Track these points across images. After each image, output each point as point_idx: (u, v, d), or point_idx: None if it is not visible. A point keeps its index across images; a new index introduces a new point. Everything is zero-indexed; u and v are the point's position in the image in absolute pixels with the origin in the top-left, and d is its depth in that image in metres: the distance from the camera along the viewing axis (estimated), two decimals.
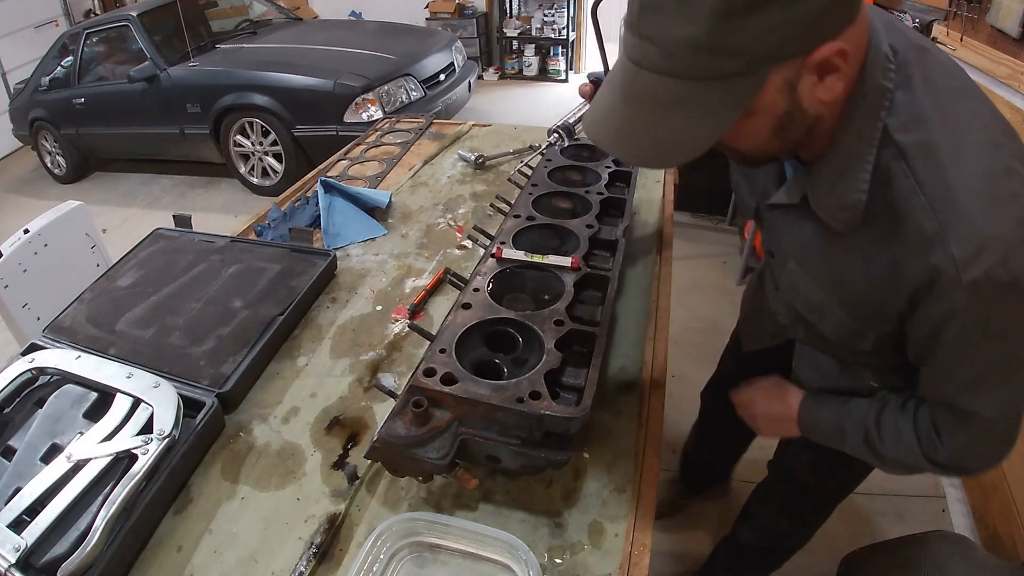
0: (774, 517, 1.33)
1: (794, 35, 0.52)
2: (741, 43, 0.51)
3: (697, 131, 0.57)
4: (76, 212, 1.95)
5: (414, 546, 0.81)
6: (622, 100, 0.60)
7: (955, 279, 0.58)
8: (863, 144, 0.61)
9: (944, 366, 0.68)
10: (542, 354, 0.85)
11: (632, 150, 0.61)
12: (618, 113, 0.60)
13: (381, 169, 1.84)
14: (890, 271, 0.64)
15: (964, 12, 2.25)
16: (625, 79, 0.59)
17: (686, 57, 0.53)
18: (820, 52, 0.54)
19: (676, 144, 0.58)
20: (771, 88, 0.55)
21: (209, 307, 1.17)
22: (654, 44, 0.55)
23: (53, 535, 0.76)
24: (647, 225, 1.47)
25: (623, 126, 0.60)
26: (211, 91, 4.00)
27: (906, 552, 1.18)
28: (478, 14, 6.12)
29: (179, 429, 0.89)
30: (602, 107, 0.63)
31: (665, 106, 0.57)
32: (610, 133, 0.62)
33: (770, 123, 0.59)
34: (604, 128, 0.62)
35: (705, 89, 0.54)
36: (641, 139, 0.60)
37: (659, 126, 0.58)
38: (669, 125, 0.57)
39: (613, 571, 0.77)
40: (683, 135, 0.58)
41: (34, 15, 6.08)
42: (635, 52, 0.57)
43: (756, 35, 0.51)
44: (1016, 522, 1.59)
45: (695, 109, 0.56)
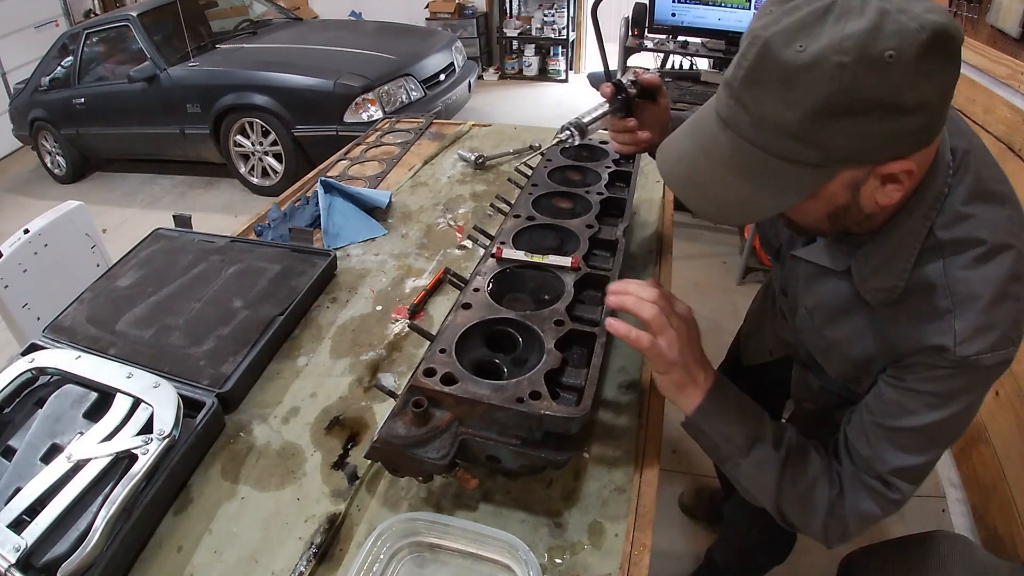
0: (745, 531, 1.34)
1: (874, 147, 0.56)
2: (825, 140, 0.55)
3: (761, 201, 0.61)
4: (76, 212, 1.95)
5: (414, 546, 0.81)
6: (700, 151, 0.64)
7: (951, 351, 0.64)
8: (912, 238, 0.66)
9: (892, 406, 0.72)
10: (542, 354, 0.85)
11: (697, 199, 0.65)
12: (693, 162, 0.65)
13: (381, 169, 1.84)
14: (895, 336, 0.70)
15: (964, 12, 2.25)
16: (709, 131, 0.63)
17: (773, 135, 0.57)
18: (890, 166, 0.58)
19: (738, 206, 0.63)
20: (838, 183, 0.60)
21: (209, 307, 1.18)
22: (747, 113, 0.58)
23: (53, 535, 0.76)
24: (647, 225, 1.47)
25: (694, 175, 0.65)
26: (211, 91, 4.00)
27: (906, 552, 1.18)
28: (478, 14, 6.12)
29: (179, 429, 0.88)
30: (679, 149, 0.67)
31: (739, 170, 0.61)
32: (681, 177, 0.66)
33: (827, 209, 0.64)
34: (676, 171, 0.67)
35: (779, 167, 0.58)
36: (708, 192, 0.64)
37: (728, 186, 0.62)
38: (737, 188, 0.62)
39: (613, 571, 0.78)
40: (747, 201, 0.62)
41: (34, 15, 6.08)
42: (726, 112, 0.61)
43: (841, 138, 0.55)
44: (1016, 522, 1.59)
45: (765, 182, 0.60)
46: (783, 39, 0.54)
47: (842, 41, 0.52)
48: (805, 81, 0.53)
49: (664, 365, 0.77)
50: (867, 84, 0.52)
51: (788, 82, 0.54)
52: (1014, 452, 1.66)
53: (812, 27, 0.53)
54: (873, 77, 0.51)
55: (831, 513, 0.76)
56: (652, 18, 3.23)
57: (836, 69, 0.52)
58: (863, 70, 0.51)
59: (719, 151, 0.62)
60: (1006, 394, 1.73)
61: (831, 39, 0.52)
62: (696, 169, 0.64)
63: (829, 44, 0.52)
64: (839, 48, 0.52)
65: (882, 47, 0.51)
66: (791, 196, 0.60)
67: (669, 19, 3.20)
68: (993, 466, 1.75)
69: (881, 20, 0.51)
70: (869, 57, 0.51)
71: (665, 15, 3.20)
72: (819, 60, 0.52)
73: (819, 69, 0.52)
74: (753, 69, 0.56)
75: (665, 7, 3.17)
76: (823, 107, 0.53)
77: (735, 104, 0.59)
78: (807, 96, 0.53)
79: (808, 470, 0.77)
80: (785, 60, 0.54)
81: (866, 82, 0.52)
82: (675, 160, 0.67)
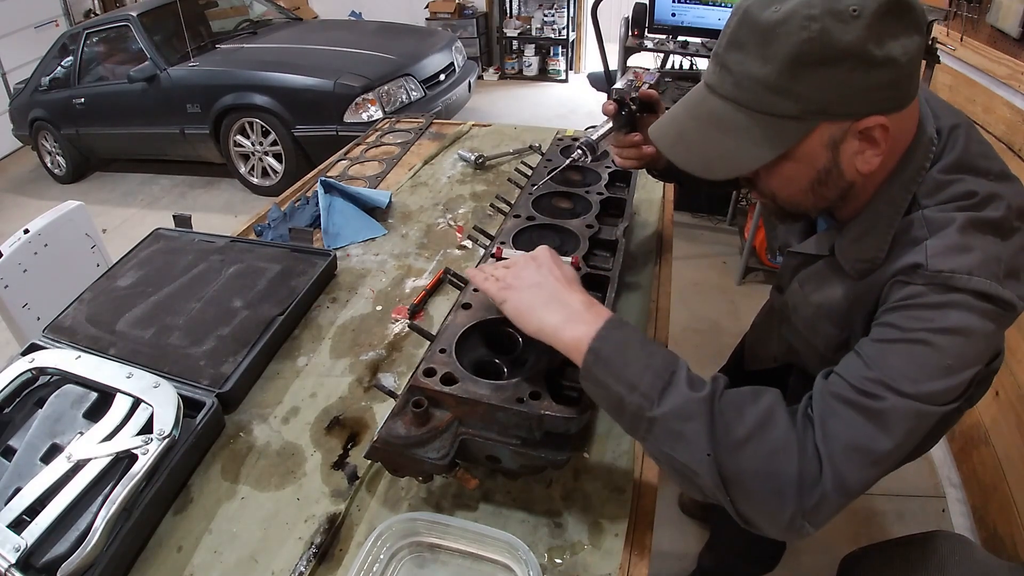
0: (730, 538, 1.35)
1: (849, 98, 0.60)
2: (801, 91, 0.60)
3: (744, 154, 0.65)
4: (76, 212, 1.95)
5: (414, 546, 0.81)
6: (688, 115, 0.70)
7: (923, 265, 0.63)
8: (892, 209, 0.69)
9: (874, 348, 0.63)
10: (542, 354, 0.85)
11: (685, 155, 0.70)
12: (681, 124, 0.71)
13: (381, 169, 1.84)
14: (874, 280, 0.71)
15: (964, 12, 2.25)
16: (697, 99, 0.70)
17: (753, 90, 0.62)
18: (866, 121, 0.62)
19: (723, 161, 0.67)
20: (816, 139, 0.64)
21: (209, 307, 1.18)
22: (731, 74, 0.64)
23: (53, 535, 0.76)
24: (647, 225, 1.47)
25: (683, 135, 0.70)
26: (211, 91, 4.00)
27: (906, 552, 1.18)
28: (478, 14, 6.13)
29: (179, 429, 0.88)
30: (670, 116, 0.73)
31: (723, 127, 0.66)
32: (670, 137, 0.72)
33: (809, 174, 0.67)
34: (667, 132, 0.72)
35: (761, 121, 0.63)
36: (695, 149, 0.69)
37: (713, 142, 0.67)
38: (722, 143, 0.66)
39: (613, 571, 0.78)
40: (731, 154, 0.66)
41: (34, 15, 6.08)
42: (712, 79, 0.67)
43: (816, 88, 0.60)
44: (1016, 522, 1.59)
45: (747, 136, 0.64)
46: (761, 4, 0.61)
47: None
48: (779, 35, 0.59)
49: (514, 293, 0.71)
50: (834, 33, 0.57)
51: (765, 38, 0.60)
52: (1014, 452, 1.66)
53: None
54: (840, 27, 0.57)
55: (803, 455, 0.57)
56: (652, 18, 3.23)
57: (806, 20, 0.58)
58: (830, 20, 0.57)
59: (705, 112, 0.68)
60: (1006, 394, 1.74)
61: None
62: (684, 129, 0.70)
63: (800, 1, 0.59)
64: (808, 2, 0.58)
65: (847, 2, 0.57)
66: (772, 149, 0.64)
67: (669, 19, 3.20)
68: (993, 466, 1.75)
69: None
70: (835, 10, 0.57)
71: (665, 15, 3.19)
72: (791, 14, 0.59)
73: (791, 22, 0.59)
74: (734, 33, 0.63)
75: (665, 7, 3.17)
76: (796, 57, 0.59)
77: (720, 70, 0.65)
78: (781, 48, 0.59)
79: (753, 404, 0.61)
80: (762, 20, 0.60)
81: (833, 31, 0.57)
82: (666, 124, 0.73)
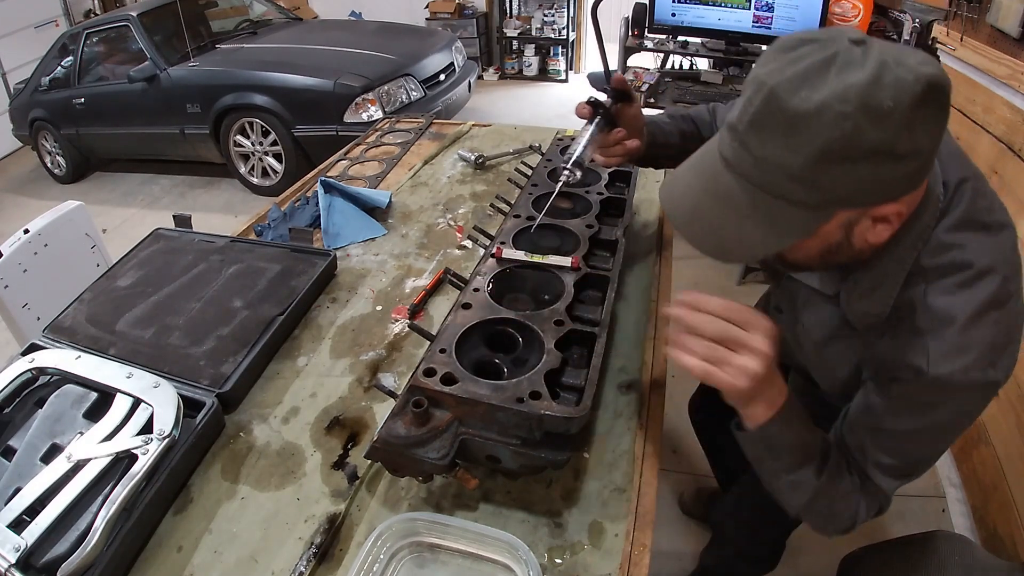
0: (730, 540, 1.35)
1: (869, 191, 0.60)
2: (824, 183, 0.58)
3: (760, 240, 0.64)
4: (76, 212, 1.95)
5: (414, 546, 0.81)
6: (702, 189, 0.67)
7: (925, 372, 0.67)
8: (899, 267, 0.70)
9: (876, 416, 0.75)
10: (542, 354, 0.85)
11: (698, 236, 0.67)
12: (696, 199, 0.67)
13: (381, 169, 1.84)
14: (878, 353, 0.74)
15: (964, 12, 2.25)
16: (712, 171, 0.65)
17: (773, 176, 0.60)
18: (882, 209, 0.62)
19: (738, 244, 0.66)
20: (834, 223, 0.63)
21: (209, 307, 1.17)
22: (750, 155, 0.61)
23: (53, 535, 0.76)
24: (647, 225, 1.47)
25: (697, 212, 0.67)
26: (211, 91, 4.00)
27: (906, 552, 1.18)
28: (478, 14, 6.12)
29: (179, 429, 0.89)
30: (683, 186, 0.69)
31: (740, 209, 0.63)
32: (684, 214, 0.68)
33: (820, 247, 0.67)
34: (680, 207, 0.69)
35: (780, 207, 0.61)
36: (709, 229, 0.67)
37: (729, 225, 0.65)
38: (738, 226, 0.64)
39: (613, 571, 0.78)
40: (747, 239, 0.64)
41: (34, 15, 6.07)
42: (729, 152, 0.63)
43: (839, 181, 0.58)
44: (1016, 522, 1.59)
45: (765, 221, 0.63)
46: (789, 87, 0.57)
47: (845, 91, 0.55)
48: (809, 127, 0.56)
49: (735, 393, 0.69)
50: (867, 131, 0.55)
51: (792, 128, 0.57)
52: (1014, 452, 1.66)
53: (816, 77, 0.56)
54: (873, 125, 0.55)
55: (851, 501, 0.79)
56: (652, 18, 3.23)
57: (839, 117, 0.55)
58: (864, 118, 0.54)
59: (722, 190, 0.64)
60: (1006, 394, 1.73)
61: (834, 89, 0.55)
62: (699, 206, 0.67)
63: (832, 94, 0.55)
64: (843, 97, 0.55)
65: (882, 97, 0.54)
66: (789, 236, 0.64)
67: (669, 19, 3.20)
68: (993, 466, 1.75)
69: (881, 72, 0.55)
70: (870, 106, 0.54)
71: (665, 15, 3.19)
72: (823, 108, 0.55)
73: (823, 117, 0.55)
74: (759, 115, 0.59)
75: (665, 7, 3.17)
76: (825, 152, 0.56)
77: (739, 146, 0.62)
78: (810, 141, 0.56)
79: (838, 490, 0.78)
80: (791, 107, 0.56)
81: (866, 129, 0.55)
82: (679, 196, 0.69)
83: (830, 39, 0.58)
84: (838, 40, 0.58)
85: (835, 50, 0.57)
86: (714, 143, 0.67)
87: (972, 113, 2.17)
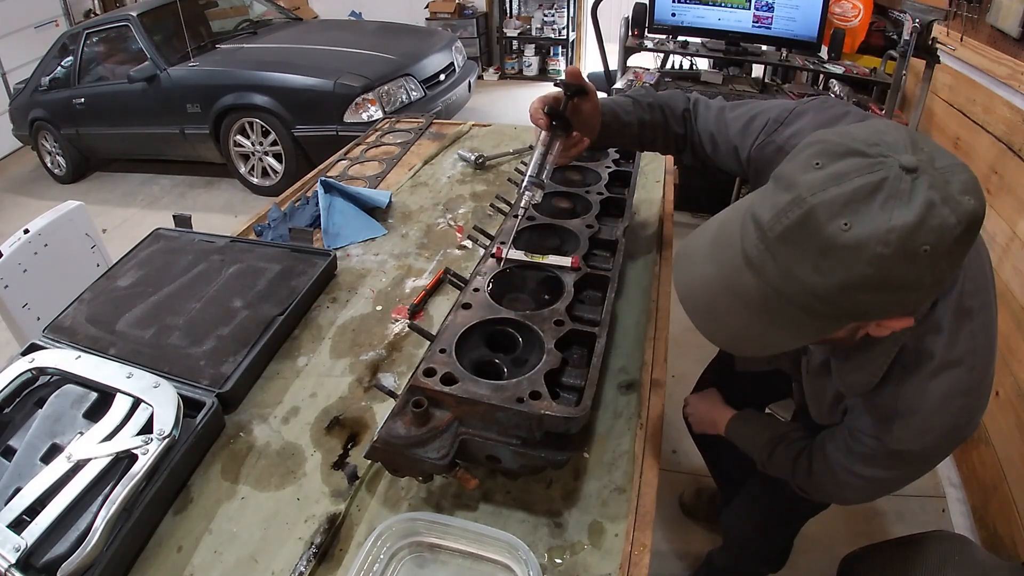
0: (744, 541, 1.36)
1: (884, 311, 0.61)
2: (845, 304, 0.58)
3: (774, 340, 0.65)
4: (76, 212, 1.95)
5: (414, 546, 0.81)
6: (722, 284, 0.64)
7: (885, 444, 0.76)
8: (891, 346, 0.72)
9: None
10: (542, 354, 0.85)
11: (713, 329, 0.67)
12: (714, 293, 0.65)
13: (381, 169, 1.84)
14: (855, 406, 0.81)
15: (964, 12, 2.25)
16: (733, 265, 0.63)
17: (797, 291, 0.59)
18: (891, 322, 0.64)
19: (751, 341, 0.66)
20: (844, 329, 0.65)
21: (209, 307, 1.17)
22: (776, 264, 0.59)
23: (53, 535, 0.76)
24: (647, 225, 1.47)
25: (714, 306, 0.66)
26: (211, 91, 4.00)
27: (906, 552, 1.18)
28: (478, 14, 6.12)
29: (179, 429, 0.88)
30: (701, 276, 0.67)
31: (757, 311, 0.63)
32: (700, 306, 0.67)
33: (824, 339, 0.69)
34: (696, 298, 0.67)
35: (796, 314, 0.61)
36: (724, 324, 0.66)
37: (743, 322, 0.64)
38: (752, 325, 0.64)
39: (613, 571, 0.77)
40: (760, 337, 0.65)
41: (34, 15, 6.07)
42: (754, 254, 0.61)
43: (859, 303, 0.58)
44: (1016, 522, 1.59)
45: (781, 324, 0.63)
46: (829, 212, 0.55)
47: (887, 233, 0.53)
48: (842, 259, 0.55)
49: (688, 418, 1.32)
50: (898, 270, 0.54)
51: (825, 253, 0.55)
52: (1014, 452, 1.66)
53: (859, 206, 0.54)
54: (906, 265, 0.54)
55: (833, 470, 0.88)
56: (652, 18, 3.23)
57: (876, 258, 0.54)
58: (899, 260, 0.54)
59: (741, 289, 0.63)
60: (1006, 394, 1.74)
61: (876, 228, 0.53)
62: (716, 300, 0.65)
63: (873, 233, 0.53)
64: (883, 239, 0.53)
65: (921, 241, 0.53)
66: (802, 339, 0.65)
67: (669, 19, 3.20)
68: (993, 466, 1.75)
69: (926, 214, 0.53)
70: (907, 250, 0.53)
71: (665, 15, 3.19)
72: (861, 245, 0.54)
73: (860, 253, 0.54)
74: (792, 230, 0.57)
75: (665, 7, 3.17)
76: (852, 284, 0.56)
77: (765, 251, 0.59)
78: (840, 271, 0.55)
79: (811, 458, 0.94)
80: (828, 234, 0.55)
81: (898, 269, 0.54)
82: (696, 287, 0.67)
83: (881, 159, 0.55)
84: (889, 162, 0.54)
85: (884, 176, 0.54)
86: (735, 230, 0.64)
87: (972, 113, 2.17)
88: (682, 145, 1.07)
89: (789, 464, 0.97)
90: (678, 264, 0.71)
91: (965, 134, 2.21)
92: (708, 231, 0.69)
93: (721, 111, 0.99)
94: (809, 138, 0.61)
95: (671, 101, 1.05)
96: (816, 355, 0.87)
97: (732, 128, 0.95)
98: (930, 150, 0.56)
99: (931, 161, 0.55)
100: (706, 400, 1.29)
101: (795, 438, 0.99)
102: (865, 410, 0.78)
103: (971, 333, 0.71)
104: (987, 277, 0.74)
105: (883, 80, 2.75)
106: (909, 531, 1.27)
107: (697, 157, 1.06)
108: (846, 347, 0.76)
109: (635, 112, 1.04)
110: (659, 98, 1.06)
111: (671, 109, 1.05)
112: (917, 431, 0.74)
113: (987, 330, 0.73)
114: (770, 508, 1.24)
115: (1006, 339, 1.75)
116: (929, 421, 0.73)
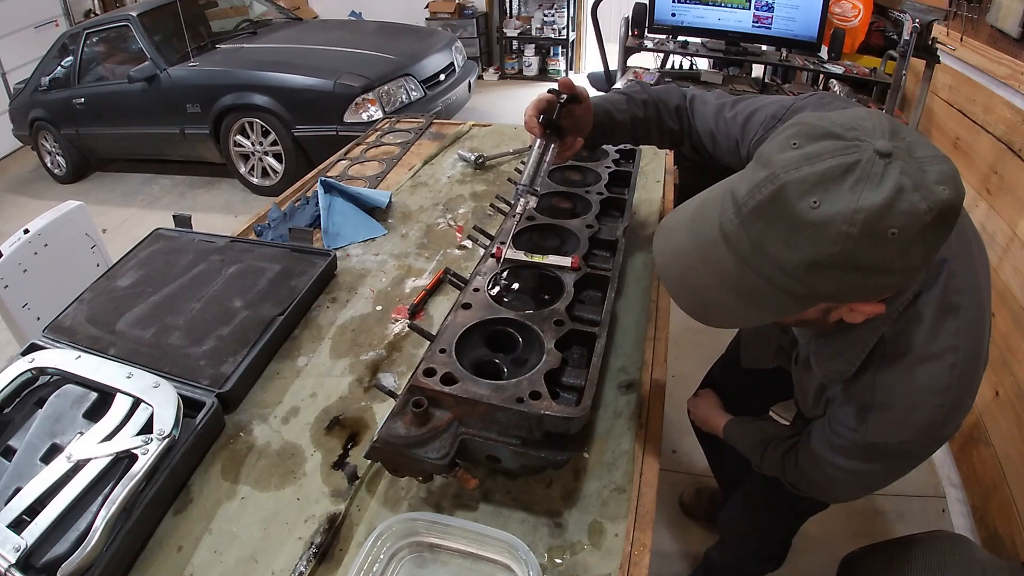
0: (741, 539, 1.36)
1: (853, 293, 0.61)
2: (813, 283, 0.59)
3: (743, 313, 0.66)
4: (76, 212, 1.95)
5: (414, 546, 0.81)
6: (698, 255, 0.67)
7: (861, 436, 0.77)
8: (870, 335, 0.73)
9: None
10: (542, 354, 0.85)
11: (685, 298, 0.69)
12: (689, 264, 0.68)
13: (381, 169, 1.84)
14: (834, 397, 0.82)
15: (964, 12, 2.25)
16: (709, 237, 0.65)
17: (767, 265, 0.60)
18: (862, 306, 0.65)
19: (721, 314, 0.68)
20: (814, 309, 0.66)
21: (209, 307, 1.17)
22: (749, 238, 0.60)
23: (53, 535, 0.76)
24: (647, 225, 1.47)
25: (688, 276, 0.68)
26: (211, 91, 4.00)
27: (906, 552, 1.18)
28: (478, 14, 6.12)
29: (179, 429, 0.88)
30: (678, 246, 0.69)
31: (729, 285, 0.64)
32: (675, 275, 0.69)
33: (796, 319, 0.70)
34: (672, 267, 0.70)
35: (766, 289, 0.62)
36: (696, 295, 0.68)
37: (716, 295, 0.66)
38: (724, 298, 0.65)
39: (613, 571, 0.78)
40: (730, 309, 0.66)
41: (34, 15, 6.07)
42: (730, 228, 0.62)
43: (828, 284, 0.59)
44: (1016, 522, 1.59)
45: (751, 299, 0.64)
46: (800, 189, 0.56)
47: (854, 213, 0.54)
48: (809, 236, 0.56)
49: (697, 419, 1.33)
50: (864, 252, 0.55)
51: (794, 229, 0.57)
52: (1014, 452, 1.66)
53: (830, 184, 0.55)
54: (871, 247, 0.55)
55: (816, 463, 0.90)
56: (652, 18, 3.23)
57: (841, 236, 0.54)
58: (864, 241, 0.54)
59: (715, 261, 0.64)
60: (1006, 394, 1.73)
61: (844, 207, 0.54)
62: (691, 270, 0.67)
63: (840, 212, 0.54)
64: (849, 219, 0.54)
65: (888, 224, 0.54)
66: (772, 315, 0.66)
67: (669, 19, 3.20)
68: (993, 466, 1.75)
69: (895, 198, 0.53)
70: (874, 232, 0.54)
71: (665, 15, 3.19)
72: (827, 223, 0.54)
73: (825, 231, 0.55)
74: (764, 205, 0.58)
75: (665, 7, 3.17)
76: (819, 261, 0.56)
77: (739, 226, 0.61)
78: (807, 248, 0.56)
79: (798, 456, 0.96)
80: (797, 210, 0.56)
81: (864, 250, 0.55)
82: (672, 256, 0.70)
83: (856, 142, 0.56)
84: (863, 146, 0.55)
85: (857, 158, 0.55)
86: (714, 204, 0.66)
87: (972, 113, 2.17)
88: (678, 139, 1.07)
89: (780, 461, 0.99)
90: (659, 235, 0.73)
91: (965, 134, 2.21)
92: (690, 206, 0.71)
93: (719, 108, 0.99)
94: (791, 120, 0.63)
95: (665, 96, 1.05)
96: (804, 347, 0.88)
97: (731, 126, 0.96)
98: (911, 140, 0.57)
99: (909, 150, 0.56)
100: (704, 404, 1.32)
101: (785, 437, 1.01)
102: (844, 400, 0.78)
103: (955, 330, 0.71)
104: (979, 278, 0.73)
105: (883, 80, 2.75)
106: (909, 531, 1.27)
107: (698, 153, 1.07)
108: (826, 331, 0.77)
109: (628, 110, 1.05)
110: (653, 93, 1.06)
111: (665, 104, 1.05)
112: (893, 425, 0.74)
113: (974, 330, 0.71)
114: (767, 506, 1.24)
115: (1006, 339, 1.75)
116: (905, 415, 0.73)
